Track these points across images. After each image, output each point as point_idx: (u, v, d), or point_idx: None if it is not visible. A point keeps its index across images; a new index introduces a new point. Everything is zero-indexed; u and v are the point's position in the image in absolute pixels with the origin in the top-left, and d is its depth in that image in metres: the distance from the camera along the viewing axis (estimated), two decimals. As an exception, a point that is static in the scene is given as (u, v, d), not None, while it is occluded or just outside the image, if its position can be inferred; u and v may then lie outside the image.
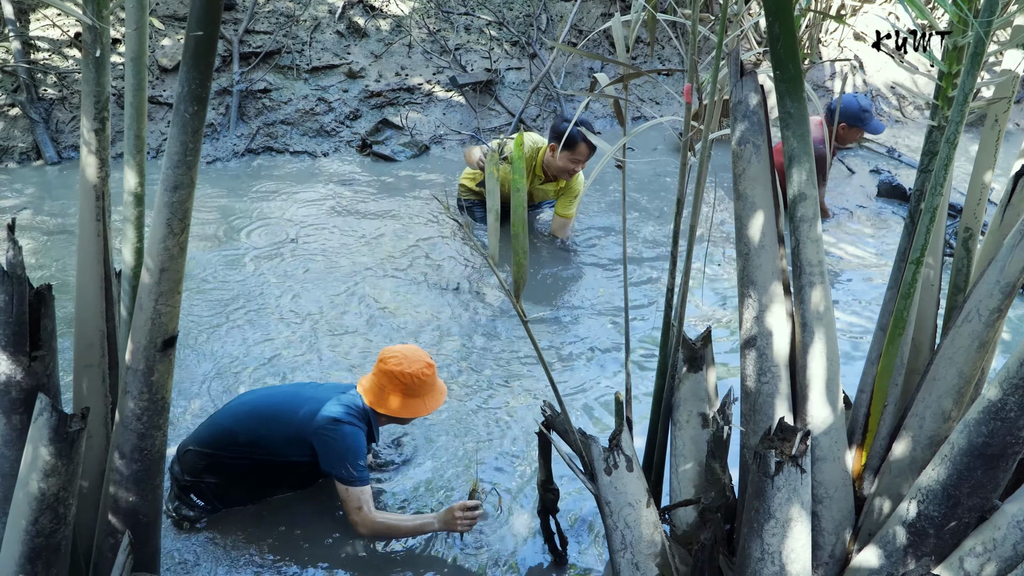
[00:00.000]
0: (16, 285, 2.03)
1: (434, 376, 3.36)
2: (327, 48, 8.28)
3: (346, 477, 3.19)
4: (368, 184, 7.03)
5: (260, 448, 3.31)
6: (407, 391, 3.30)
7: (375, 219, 6.27)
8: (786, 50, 2.14)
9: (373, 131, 7.92)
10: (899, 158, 8.02)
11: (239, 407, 3.45)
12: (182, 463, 3.41)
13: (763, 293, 2.41)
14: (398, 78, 8.28)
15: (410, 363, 3.29)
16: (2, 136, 7.26)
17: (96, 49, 2.14)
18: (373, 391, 3.34)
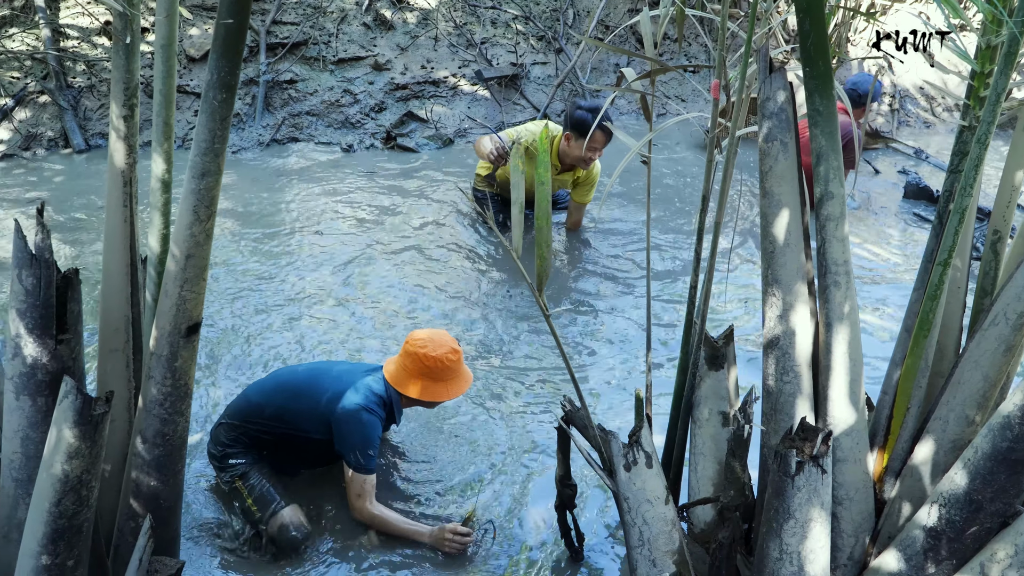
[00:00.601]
0: (44, 269, 2.05)
1: (459, 362, 3.35)
2: (353, 40, 8.29)
3: (353, 463, 3.25)
4: (392, 176, 7.05)
5: (284, 422, 3.36)
6: (430, 375, 3.30)
7: (399, 210, 6.28)
8: (816, 47, 2.13)
9: (398, 123, 7.93)
10: (926, 159, 7.96)
11: (268, 382, 3.50)
12: (214, 437, 3.46)
13: (787, 292, 2.39)
14: (424, 71, 8.29)
15: (435, 347, 3.29)
16: (31, 123, 7.32)
17: (126, 36, 2.15)
18: (397, 373, 3.35)
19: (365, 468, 3.25)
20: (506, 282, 5.30)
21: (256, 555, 3.26)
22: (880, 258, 5.89)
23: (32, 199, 6.30)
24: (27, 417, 2.15)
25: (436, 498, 3.62)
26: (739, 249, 5.88)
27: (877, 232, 6.33)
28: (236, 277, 5.20)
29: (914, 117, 9.06)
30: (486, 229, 5.93)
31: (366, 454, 3.23)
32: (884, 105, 8.99)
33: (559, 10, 8.98)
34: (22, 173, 6.85)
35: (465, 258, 5.59)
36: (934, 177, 7.46)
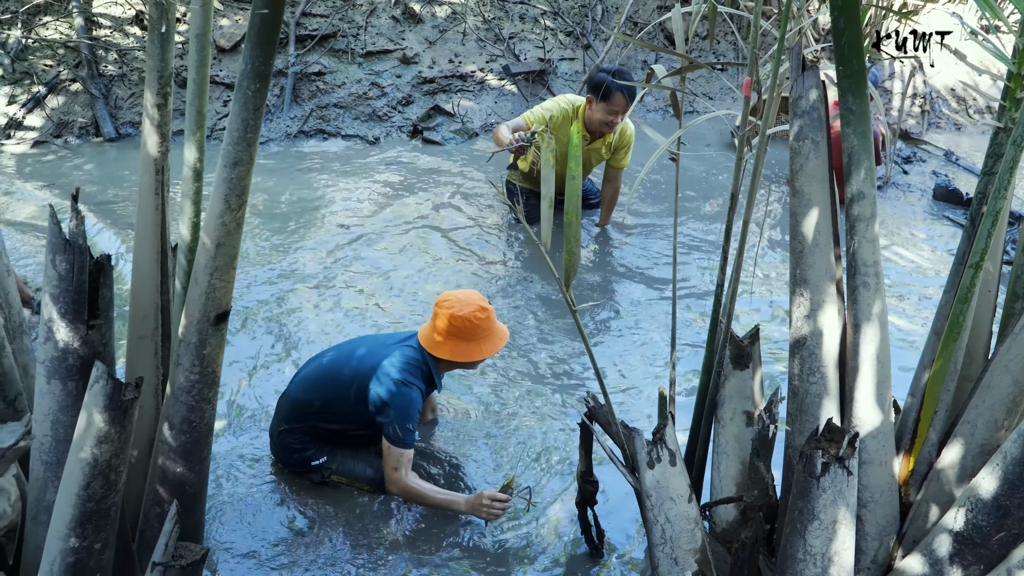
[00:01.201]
0: (77, 254, 2.07)
1: (489, 320, 3.35)
2: (382, 33, 8.31)
3: (391, 436, 3.26)
4: (418, 169, 7.06)
5: (334, 410, 3.40)
6: (461, 335, 3.31)
7: (424, 204, 6.30)
8: (850, 45, 2.12)
9: (424, 117, 7.95)
10: (956, 161, 7.88)
11: (306, 376, 3.52)
12: (284, 446, 3.50)
13: (815, 292, 2.38)
14: (451, 65, 8.30)
15: (462, 306, 3.30)
16: (63, 111, 7.40)
17: (162, 25, 2.17)
18: (429, 336, 3.37)
19: (403, 442, 3.26)
20: (534, 276, 5.30)
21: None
22: (908, 260, 5.84)
23: (64, 185, 6.36)
24: (58, 401, 2.17)
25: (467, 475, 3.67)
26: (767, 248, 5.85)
27: (905, 234, 6.28)
28: (259, 266, 5.23)
29: (944, 119, 8.97)
30: (516, 223, 5.93)
31: (404, 428, 3.25)
32: (915, 106, 8.91)
33: (588, 6, 8.96)
34: (53, 160, 6.92)
35: (493, 251, 5.59)
36: (964, 179, 7.39)
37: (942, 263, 5.80)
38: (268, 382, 4.17)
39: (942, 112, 9.02)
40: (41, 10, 7.70)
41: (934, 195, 6.94)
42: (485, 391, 4.17)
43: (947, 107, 9.08)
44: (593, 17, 8.89)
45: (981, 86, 9.03)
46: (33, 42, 7.56)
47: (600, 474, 3.12)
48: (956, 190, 6.85)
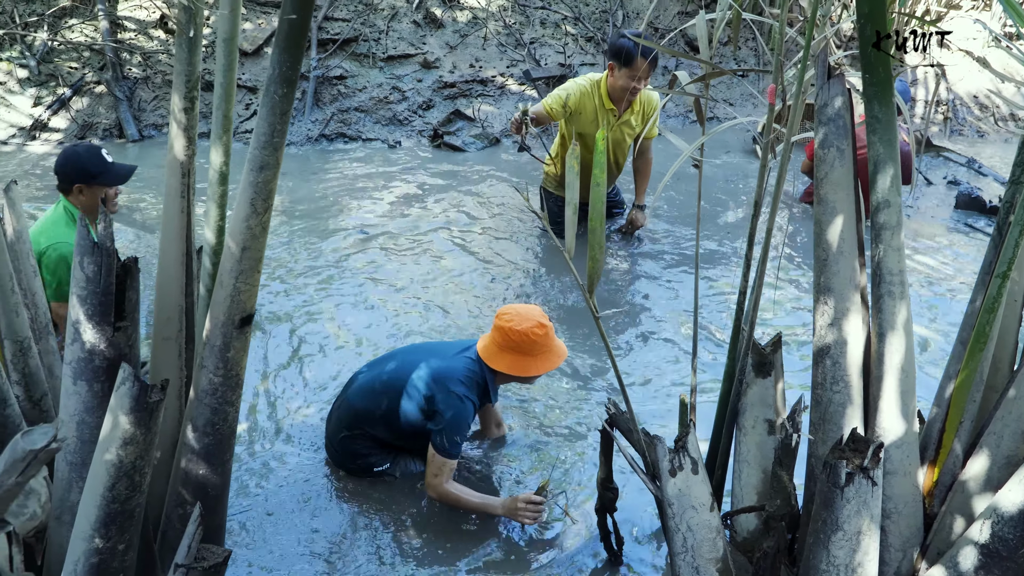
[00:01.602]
0: (105, 257, 2.08)
1: (547, 337, 3.35)
2: (403, 37, 8.34)
3: (438, 445, 3.29)
4: (438, 174, 7.08)
5: (397, 418, 3.44)
6: (518, 349, 3.32)
7: (444, 208, 6.31)
8: (877, 53, 2.11)
9: (445, 121, 7.96)
10: (979, 169, 7.83)
11: (367, 384, 3.55)
12: (347, 451, 3.56)
13: (839, 300, 2.37)
14: (472, 70, 8.31)
15: (521, 321, 3.31)
16: (87, 113, 7.46)
17: (190, 29, 2.18)
18: (488, 348, 3.40)
19: (448, 452, 3.29)
20: (555, 281, 5.30)
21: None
22: (931, 268, 5.81)
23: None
24: (83, 402, 2.19)
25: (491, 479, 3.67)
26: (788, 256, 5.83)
27: (928, 242, 6.24)
28: (277, 268, 5.25)
29: (967, 126, 8.92)
30: (538, 227, 5.93)
31: (452, 439, 3.28)
32: (938, 114, 8.86)
33: (608, 11, 8.97)
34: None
35: (513, 256, 5.59)
36: (987, 187, 7.34)
37: (965, 271, 5.76)
38: (286, 384, 4.19)
39: (965, 119, 8.96)
40: (67, 13, 7.77)
41: (956, 203, 6.89)
42: (507, 397, 4.16)
43: (970, 114, 9.02)
44: (614, 22, 8.89)
45: (1005, 93, 8.97)
46: (59, 45, 7.63)
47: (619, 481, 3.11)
48: (979, 198, 6.81)
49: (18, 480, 1.79)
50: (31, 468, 1.77)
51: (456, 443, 3.29)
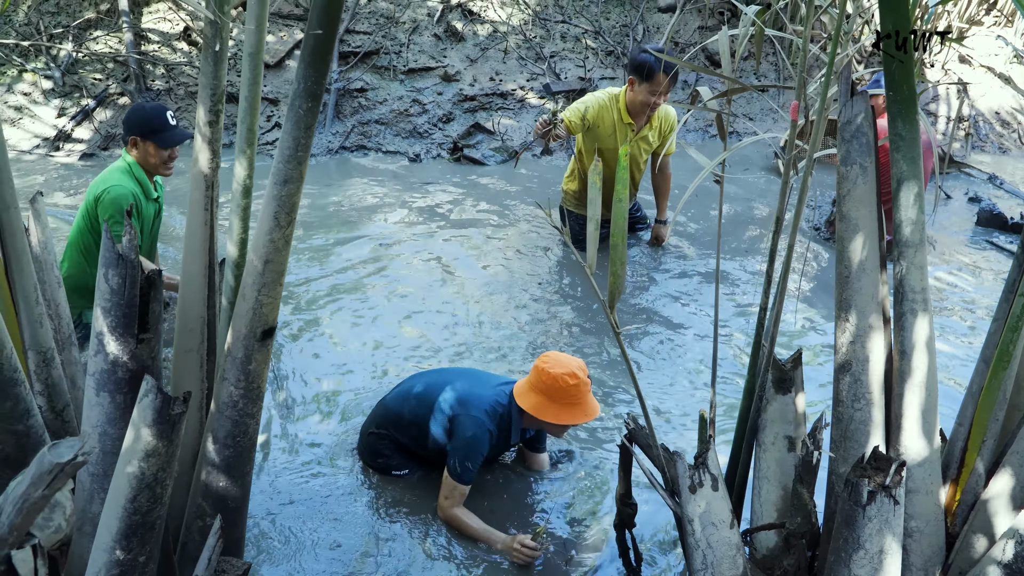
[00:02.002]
0: (129, 269, 2.10)
1: (578, 389, 3.32)
2: (424, 50, 8.37)
3: (451, 467, 3.35)
4: (458, 187, 7.09)
5: (421, 429, 3.50)
6: (546, 392, 3.32)
7: (464, 221, 6.32)
8: (901, 70, 2.10)
9: (465, 135, 7.98)
10: (1000, 185, 7.78)
11: (405, 389, 3.64)
12: (370, 447, 3.67)
13: (861, 317, 2.36)
14: (492, 83, 8.34)
15: (556, 366, 3.32)
16: (111, 123, 7.51)
17: (216, 43, 2.20)
18: (521, 386, 3.42)
19: (459, 476, 3.34)
20: (573, 296, 5.30)
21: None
22: (951, 285, 5.77)
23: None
24: (106, 413, 2.20)
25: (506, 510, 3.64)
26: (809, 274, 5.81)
27: (949, 258, 6.20)
28: (297, 281, 5.27)
29: (989, 142, 8.87)
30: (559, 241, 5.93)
31: (464, 465, 3.33)
32: (959, 130, 8.82)
33: (628, 25, 8.98)
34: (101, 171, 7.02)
35: (532, 271, 5.60)
36: (1008, 203, 7.29)
37: (986, 288, 5.72)
38: (302, 395, 4.20)
39: (987, 136, 8.92)
40: (92, 25, 7.84)
41: (978, 219, 6.85)
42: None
43: (992, 131, 8.98)
44: (634, 37, 8.90)
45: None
46: (83, 56, 7.70)
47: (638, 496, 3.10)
48: (1001, 214, 6.77)
49: (44, 493, 1.80)
50: (57, 481, 1.78)
51: (468, 469, 3.33)
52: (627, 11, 9.11)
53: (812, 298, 5.47)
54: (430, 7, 8.59)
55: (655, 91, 5.00)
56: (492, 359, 4.58)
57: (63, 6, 7.89)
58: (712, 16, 9.14)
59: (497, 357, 4.60)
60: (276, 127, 7.62)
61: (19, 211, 2.44)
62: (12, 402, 2.32)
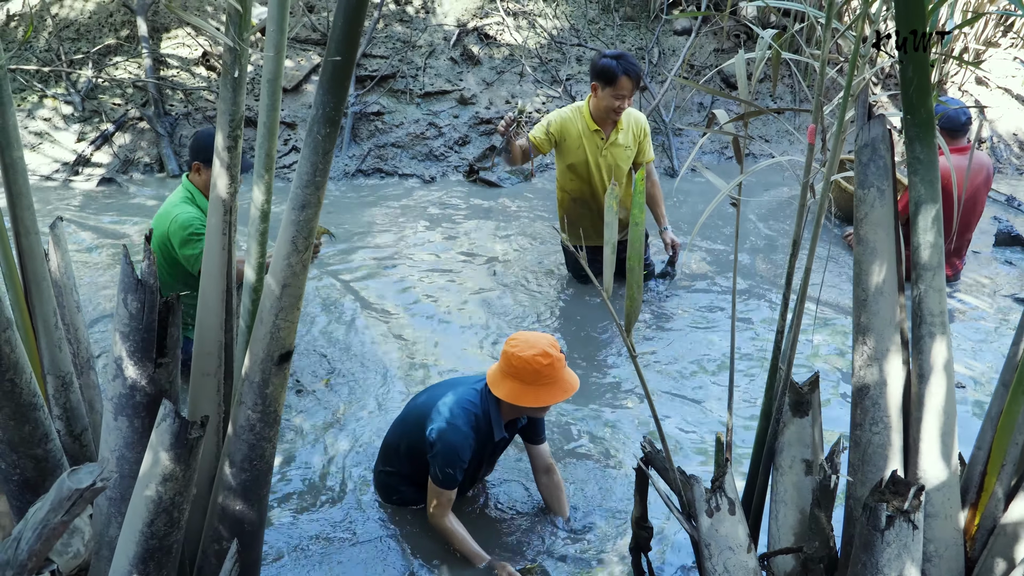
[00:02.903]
0: (148, 294, 2.12)
1: (552, 368, 3.20)
2: (440, 74, 8.42)
3: (433, 475, 3.28)
4: (474, 209, 7.12)
5: (418, 453, 3.41)
6: (519, 376, 3.20)
7: (480, 244, 6.34)
8: (918, 94, 2.10)
9: (481, 157, 8.02)
10: (1019, 207, 7.75)
11: (396, 422, 3.61)
12: (382, 486, 3.64)
13: (879, 340, 2.35)
14: (508, 106, 8.37)
15: (526, 348, 3.20)
16: (129, 148, 7.59)
17: (235, 70, 2.22)
18: (494, 375, 3.30)
19: (442, 483, 3.27)
20: (587, 320, 5.30)
21: None
22: (970, 307, 5.74)
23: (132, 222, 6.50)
24: (124, 437, 2.22)
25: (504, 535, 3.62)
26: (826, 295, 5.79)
27: (968, 280, 6.17)
28: (318, 305, 5.29)
29: (1007, 163, 8.83)
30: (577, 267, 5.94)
31: (445, 471, 3.24)
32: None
33: (644, 48, 9.01)
34: (120, 196, 7.10)
35: (549, 291, 5.60)
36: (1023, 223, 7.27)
37: (1005, 310, 5.68)
38: (319, 418, 4.21)
39: (1005, 157, 8.88)
40: (112, 51, 7.94)
41: (996, 240, 6.82)
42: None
43: (1010, 152, 8.94)
44: (649, 60, 8.92)
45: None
46: (103, 81, 7.79)
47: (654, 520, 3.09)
48: (1019, 236, 6.74)
49: (63, 519, 1.81)
50: (76, 507, 1.79)
51: (449, 474, 3.24)
52: (643, 34, 9.14)
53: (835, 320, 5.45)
54: (446, 31, 8.65)
55: (619, 95, 4.95)
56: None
57: (83, 32, 7.99)
58: (728, 39, 9.17)
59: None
60: (293, 150, 7.67)
61: (39, 236, 2.47)
62: (31, 426, 2.34)
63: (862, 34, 2.40)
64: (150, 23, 7.94)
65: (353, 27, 1.97)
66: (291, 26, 8.23)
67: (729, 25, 9.18)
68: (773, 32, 2.75)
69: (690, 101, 8.87)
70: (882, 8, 2.52)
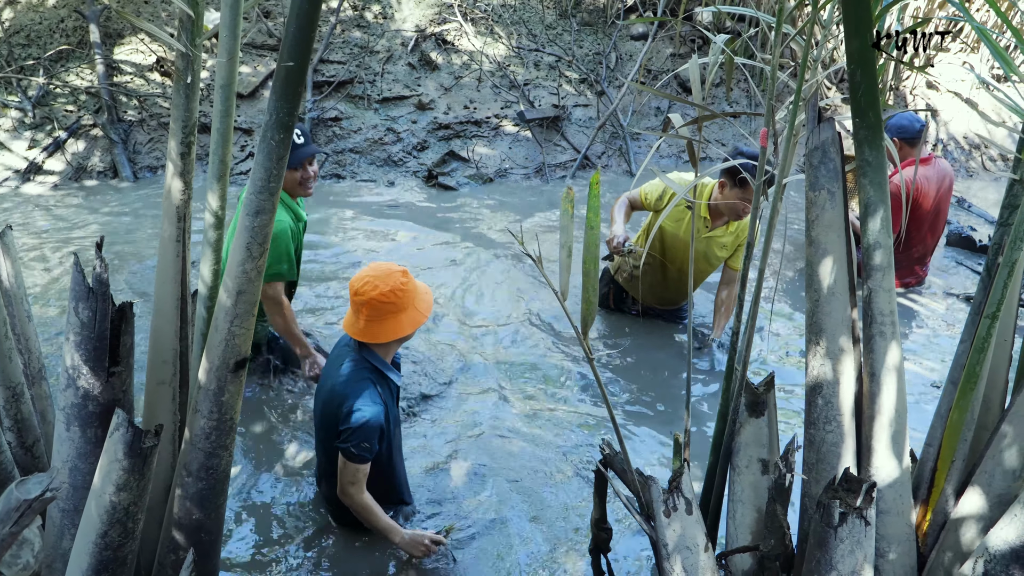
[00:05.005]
0: (100, 302, 2.09)
1: (412, 282, 3.19)
2: (398, 79, 8.41)
3: (347, 454, 3.14)
4: (432, 214, 7.11)
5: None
6: (394, 309, 3.15)
7: (440, 249, 6.33)
8: (867, 98, 2.14)
9: (440, 162, 8.02)
10: (969, 208, 7.90)
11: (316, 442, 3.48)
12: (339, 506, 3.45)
13: (831, 341, 2.39)
14: (466, 111, 8.38)
15: (383, 282, 3.11)
16: (83, 155, 7.49)
17: (187, 76, 2.21)
18: (364, 329, 3.19)
19: (358, 458, 3.15)
20: (545, 320, 5.31)
21: None
22: (921, 306, 5.83)
23: (86, 230, 6.41)
24: (76, 448, 2.19)
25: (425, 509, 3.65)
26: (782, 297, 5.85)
27: (919, 280, 6.27)
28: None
29: (957, 165, 9.00)
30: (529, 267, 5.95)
31: (361, 446, 3.13)
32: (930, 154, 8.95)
33: (601, 53, 9.06)
34: (73, 204, 7.00)
35: (507, 296, 5.61)
36: (976, 226, 7.39)
37: (955, 309, 5.79)
38: (277, 426, 4.18)
39: (955, 159, 9.05)
40: (64, 56, 7.83)
41: (947, 241, 6.94)
42: (495, 436, 4.16)
43: (962, 153, 9.11)
44: (607, 64, 8.98)
45: (996, 135, 9.07)
46: (55, 88, 7.68)
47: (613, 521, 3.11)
48: (970, 237, 6.87)
49: (12, 530, 1.79)
50: (25, 518, 1.77)
51: (365, 448, 3.13)
52: (600, 39, 9.20)
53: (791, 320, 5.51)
54: (405, 36, 8.64)
55: (747, 198, 4.59)
56: (469, 388, 4.58)
57: (34, 38, 7.87)
58: (684, 44, 9.25)
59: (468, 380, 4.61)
60: (250, 156, 7.62)
61: (-11, 245, 2.43)
62: (-19, 438, 2.30)
63: (812, 38, 2.44)
64: (103, 28, 7.85)
65: (306, 32, 1.97)
66: (246, 31, 8.18)
67: (685, 30, 9.26)
68: (726, 37, 2.79)
69: (647, 106, 8.94)
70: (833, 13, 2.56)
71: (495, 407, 4.39)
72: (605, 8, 9.34)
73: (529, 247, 6.14)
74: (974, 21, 2.28)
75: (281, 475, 3.85)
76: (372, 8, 8.80)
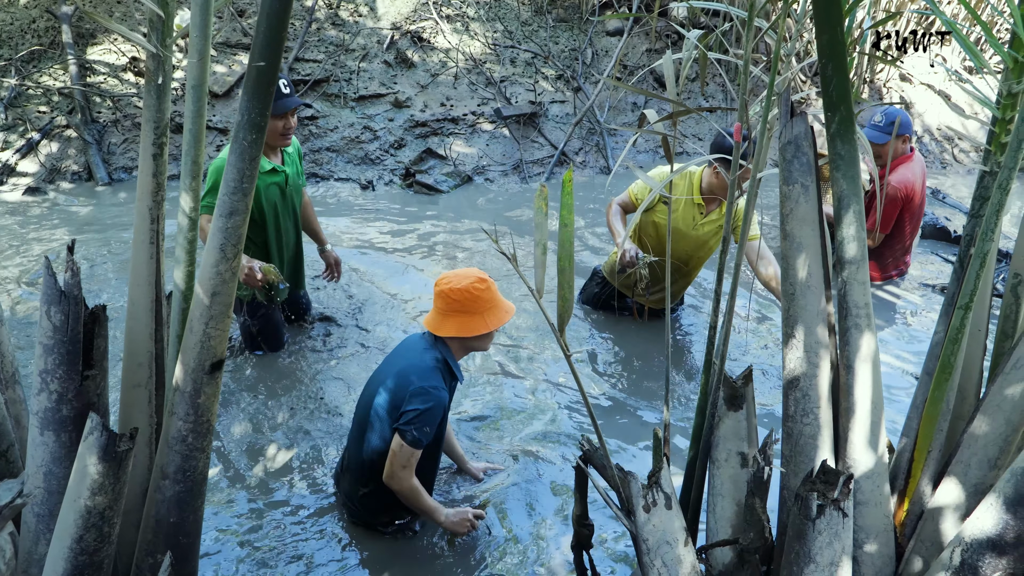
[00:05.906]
0: (72, 305, 2.08)
1: (490, 291, 3.30)
2: (374, 77, 8.39)
3: (409, 439, 3.18)
4: (410, 212, 7.09)
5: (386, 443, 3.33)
6: (463, 309, 3.27)
7: (418, 246, 6.32)
8: (839, 92, 2.15)
9: (417, 160, 8.00)
10: (943, 199, 7.95)
11: (354, 436, 3.47)
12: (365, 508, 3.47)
13: (808, 334, 2.40)
14: (443, 108, 8.37)
15: (460, 280, 3.27)
16: (56, 157, 7.42)
17: (158, 76, 2.19)
18: (434, 319, 3.34)
19: (417, 441, 3.19)
20: (526, 318, 5.31)
21: None
22: (896, 298, 5.87)
23: (60, 232, 6.36)
24: (51, 452, 2.17)
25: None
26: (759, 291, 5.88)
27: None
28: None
29: (931, 157, 9.06)
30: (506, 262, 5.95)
31: (423, 430, 3.19)
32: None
33: (577, 49, 9.07)
34: (47, 206, 6.93)
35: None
36: (950, 217, 7.45)
37: (930, 300, 5.83)
38: (258, 426, 4.16)
39: (928, 151, 9.11)
40: (36, 57, 7.76)
41: (922, 233, 6.99)
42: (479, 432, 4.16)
43: (936, 145, 9.17)
44: (583, 61, 8.98)
45: (969, 127, 9.15)
46: (27, 89, 7.61)
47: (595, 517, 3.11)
48: (944, 228, 6.92)
49: (-16, 535, 1.77)
50: (-3, 522, 1.75)
51: (427, 433, 3.20)
52: (576, 35, 9.20)
53: (768, 314, 5.53)
54: (380, 34, 8.61)
55: (744, 178, 4.52)
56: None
57: (5, 39, 7.80)
58: (659, 39, 9.27)
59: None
60: (226, 157, 7.57)
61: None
62: (-46, 444, 2.28)
63: (784, 32, 2.45)
64: (75, 29, 7.78)
65: (276, 32, 1.96)
66: (219, 30, 8.13)
67: (660, 26, 9.28)
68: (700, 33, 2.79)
69: (624, 101, 8.95)
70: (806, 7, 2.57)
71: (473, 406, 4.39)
72: (580, 4, 9.35)
73: (506, 245, 6.13)
74: (943, 15, 2.29)
75: (264, 477, 3.83)
76: (347, 6, 8.77)
